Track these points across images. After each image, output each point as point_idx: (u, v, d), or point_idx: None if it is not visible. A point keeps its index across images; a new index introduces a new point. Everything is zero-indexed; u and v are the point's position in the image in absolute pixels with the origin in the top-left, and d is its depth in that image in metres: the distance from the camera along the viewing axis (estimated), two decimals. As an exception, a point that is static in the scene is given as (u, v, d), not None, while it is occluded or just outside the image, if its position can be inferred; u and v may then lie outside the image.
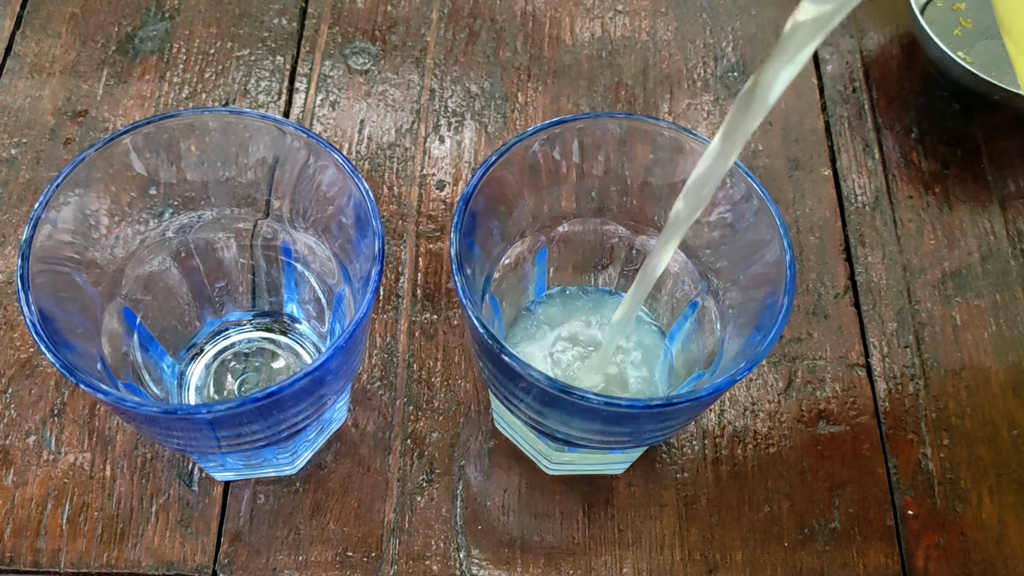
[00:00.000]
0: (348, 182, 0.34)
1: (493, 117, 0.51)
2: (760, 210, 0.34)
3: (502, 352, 0.31)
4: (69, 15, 0.52)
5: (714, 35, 0.54)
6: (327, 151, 0.34)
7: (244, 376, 0.42)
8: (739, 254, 0.36)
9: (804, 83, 0.53)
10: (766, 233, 0.34)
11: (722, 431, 0.43)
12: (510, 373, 0.32)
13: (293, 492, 0.41)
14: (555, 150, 0.36)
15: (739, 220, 0.36)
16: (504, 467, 0.42)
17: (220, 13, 0.53)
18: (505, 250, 0.38)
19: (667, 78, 0.53)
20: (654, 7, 0.55)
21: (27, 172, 0.47)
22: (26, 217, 0.46)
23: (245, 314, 0.43)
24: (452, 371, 0.44)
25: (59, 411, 0.42)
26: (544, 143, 0.36)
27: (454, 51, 0.53)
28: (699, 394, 0.31)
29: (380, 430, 0.42)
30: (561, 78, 0.52)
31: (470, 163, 0.49)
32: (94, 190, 0.35)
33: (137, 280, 0.38)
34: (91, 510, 0.40)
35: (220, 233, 0.40)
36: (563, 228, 0.39)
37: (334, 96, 0.51)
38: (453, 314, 0.45)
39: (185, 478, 0.41)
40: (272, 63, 0.51)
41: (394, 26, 0.53)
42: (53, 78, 0.50)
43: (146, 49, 0.51)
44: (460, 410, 0.43)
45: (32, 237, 0.32)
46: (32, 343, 0.43)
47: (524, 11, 0.54)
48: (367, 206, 0.34)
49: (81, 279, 0.35)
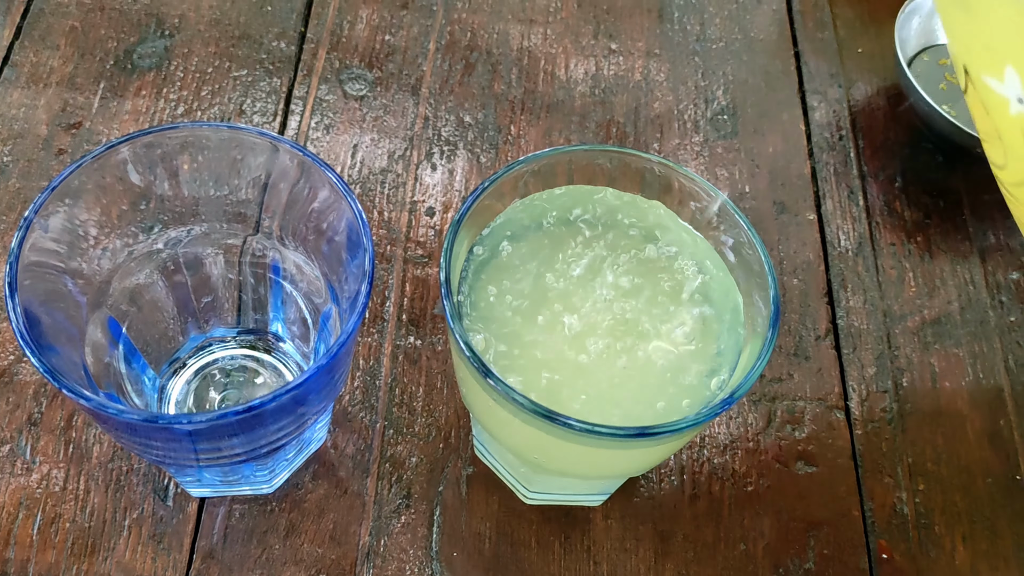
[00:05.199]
0: (341, 202, 0.35)
1: (485, 148, 0.51)
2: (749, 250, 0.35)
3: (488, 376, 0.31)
4: (69, 28, 0.53)
5: (705, 78, 0.55)
6: (322, 170, 0.35)
7: (226, 392, 0.42)
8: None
9: (792, 129, 0.54)
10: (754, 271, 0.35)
11: (700, 467, 0.43)
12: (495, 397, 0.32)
13: (268, 511, 0.41)
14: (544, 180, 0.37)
15: (729, 255, 0.36)
16: (482, 494, 0.42)
17: (219, 33, 0.53)
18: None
19: (658, 118, 0.53)
20: (648, 48, 0.56)
21: (17, 181, 0.47)
22: (14, 225, 0.46)
23: (229, 330, 0.43)
24: (434, 397, 0.44)
25: (36, 421, 0.42)
26: (535, 173, 0.36)
27: (449, 81, 0.53)
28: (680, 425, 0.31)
29: (359, 453, 0.42)
30: (554, 113, 0.53)
31: (460, 192, 0.49)
32: (85, 199, 0.35)
33: (124, 291, 0.38)
34: (63, 521, 0.40)
35: (209, 248, 0.40)
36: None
37: (329, 120, 0.51)
38: (437, 340, 0.45)
39: (160, 493, 0.41)
40: (269, 85, 0.52)
41: (391, 54, 0.54)
42: (49, 89, 0.50)
43: (144, 65, 0.52)
44: (440, 436, 0.43)
45: (22, 241, 0.32)
46: (11, 351, 0.43)
47: (520, 46, 0.55)
48: (359, 226, 0.34)
49: (68, 287, 0.35)
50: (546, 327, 0.35)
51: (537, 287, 0.36)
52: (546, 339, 0.35)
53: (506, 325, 0.35)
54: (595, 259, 0.36)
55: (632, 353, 0.35)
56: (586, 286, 0.36)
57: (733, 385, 0.33)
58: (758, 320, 0.35)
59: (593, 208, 0.37)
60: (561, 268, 0.36)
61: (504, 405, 0.32)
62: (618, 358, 0.35)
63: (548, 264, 0.36)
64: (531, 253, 0.36)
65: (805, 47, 0.57)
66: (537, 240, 0.36)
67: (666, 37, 0.57)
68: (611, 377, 0.35)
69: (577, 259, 0.36)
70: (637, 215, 0.37)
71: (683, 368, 0.35)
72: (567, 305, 0.35)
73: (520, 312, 0.35)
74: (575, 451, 0.33)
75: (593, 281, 0.36)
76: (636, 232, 0.37)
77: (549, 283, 0.36)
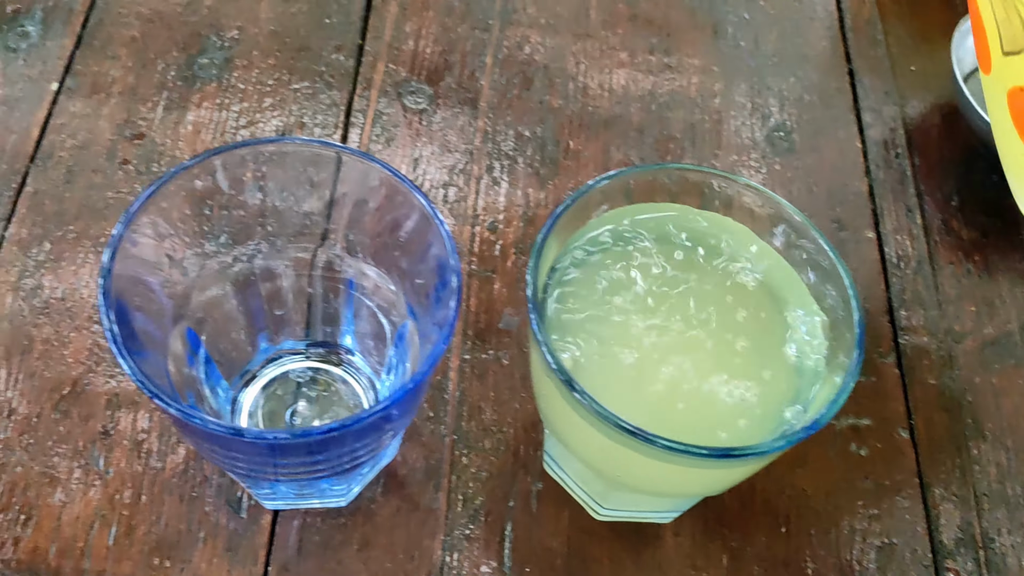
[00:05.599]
0: (430, 223, 0.34)
1: (545, 162, 0.51)
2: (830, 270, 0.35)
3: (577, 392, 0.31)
4: (129, 38, 0.53)
5: (761, 95, 0.56)
6: (411, 191, 0.35)
7: (296, 405, 0.42)
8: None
9: (848, 146, 0.54)
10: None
11: (768, 484, 0.43)
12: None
13: (342, 525, 0.41)
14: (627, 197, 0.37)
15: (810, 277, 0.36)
16: (552, 510, 0.42)
17: (279, 45, 0.53)
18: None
19: (715, 134, 0.54)
20: (703, 64, 0.56)
21: (83, 191, 0.48)
22: (82, 235, 0.46)
23: (299, 343, 0.43)
24: (502, 411, 0.44)
25: (109, 431, 0.42)
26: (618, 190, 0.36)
27: (507, 95, 0.53)
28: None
29: (429, 467, 0.42)
30: (611, 128, 0.53)
31: (522, 207, 0.50)
32: (173, 212, 0.35)
33: (202, 303, 0.38)
34: (138, 533, 0.40)
35: (285, 261, 0.40)
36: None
37: (389, 133, 0.51)
38: (503, 354, 0.45)
39: (234, 505, 0.41)
40: (328, 97, 0.52)
41: (449, 68, 0.54)
42: (112, 99, 0.50)
43: (204, 76, 0.52)
44: (509, 450, 0.43)
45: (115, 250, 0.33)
46: (82, 361, 0.43)
47: (576, 61, 0.55)
48: (447, 249, 0.34)
49: (155, 297, 0.35)
50: (625, 345, 0.35)
51: (617, 305, 0.36)
52: (624, 357, 0.35)
53: (585, 342, 0.35)
54: (676, 279, 0.36)
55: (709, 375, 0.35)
56: (666, 306, 0.36)
57: (818, 409, 0.33)
58: (841, 345, 0.35)
59: (677, 228, 0.37)
60: (641, 287, 0.36)
61: (592, 423, 0.33)
62: (695, 380, 0.35)
63: (628, 283, 0.36)
64: (611, 271, 0.36)
65: (859, 64, 0.57)
66: (618, 258, 0.37)
67: (721, 53, 0.57)
68: (688, 398, 0.35)
69: (658, 279, 0.36)
70: (722, 237, 0.37)
71: (762, 392, 0.35)
72: (647, 324, 0.36)
73: (599, 330, 0.35)
74: (661, 469, 0.34)
75: (674, 300, 0.36)
76: (720, 254, 0.37)
77: (629, 302, 0.36)
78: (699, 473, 0.33)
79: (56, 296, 0.45)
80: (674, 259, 0.36)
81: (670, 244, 0.37)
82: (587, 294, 0.36)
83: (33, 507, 0.40)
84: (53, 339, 0.44)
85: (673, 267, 0.36)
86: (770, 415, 0.34)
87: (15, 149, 0.48)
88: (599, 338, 0.35)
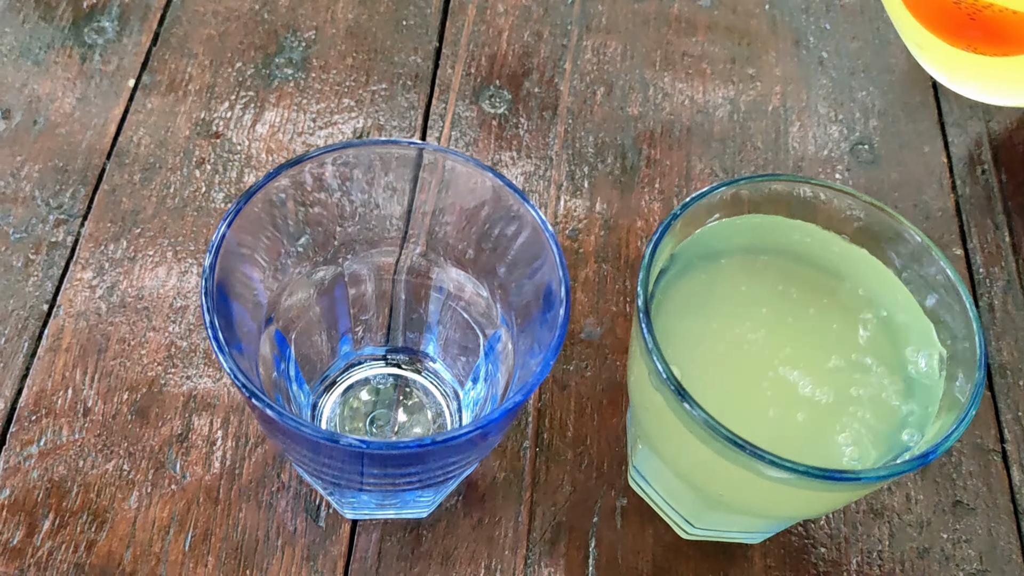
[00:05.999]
0: (542, 244, 0.33)
1: (626, 170, 0.50)
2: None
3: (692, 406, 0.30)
4: (206, 36, 0.52)
5: (844, 107, 0.54)
6: (525, 206, 0.34)
7: (375, 412, 0.41)
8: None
9: (934, 160, 0.53)
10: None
11: (858, 506, 0.42)
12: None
13: (422, 536, 0.40)
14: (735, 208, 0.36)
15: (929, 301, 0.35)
16: (638, 527, 0.41)
17: (356, 46, 0.53)
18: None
19: (797, 146, 0.52)
20: (784, 75, 0.55)
21: (159, 190, 0.47)
22: (160, 233, 0.45)
23: (378, 349, 0.42)
24: (585, 423, 0.43)
25: (185, 434, 0.41)
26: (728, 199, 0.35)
27: (587, 102, 0.52)
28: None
29: (510, 479, 0.41)
30: (692, 137, 0.52)
31: (602, 215, 0.48)
32: (270, 213, 0.34)
33: (291, 305, 0.38)
34: (214, 539, 0.39)
35: (371, 266, 0.39)
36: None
37: (468, 137, 0.50)
38: (586, 365, 0.44)
39: (312, 513, 0.40)
40: (406, 100, 0.51)
41: (528, 73, 0.53)
42: (189, 97, 0.50)
43: (281, 76, 0.51)
44: (592, 464, 0.42)
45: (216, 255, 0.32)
46: (158, 361, 0.42)
47: (656, 69, 0.54)
48: (559, 274, 0.32)
49: (254, 298, 0.34)
50: (735, 360, 0.34)
51: (723, 320, 0.35)
52: (734, 372, 0.34)
53: (692, 354, 0.34)
54: (789, 294, 0.35)
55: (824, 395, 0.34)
56: (778, 320, 0.35)
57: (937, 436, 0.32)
58: (960, 371, 0.33)
59: (790, 241, 0.36)
60: (752, 300, 0.35)
61: (704, 439, 0.31)
62: (809, 399, 0.34)
63: (735, 297, 0.35)
64: (718, 284, 0.35)
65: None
66: (728, 269, 0.35)
67: (803, 65, 0.56)
68: (801, 418, 0.34)
69: (770, 292, 0.35)
70: (837, 253, 0.36)
71: (873, 417, 0.34)
72: (757, 339, 0.34)
73: (708, 342, 0.34)
74: (773, 491, 0.32)
75: (786, 315, 0.35)
76: (833, 271, 0.36)
77: (736, 316, 0.35)
78: (812, 495, 0.32)
79: (132, 295, 0.44)
80: (786, 273, 0.35)
81: (782, 257, 0.36)
82: (695, 305, 0.34)
83: (107, 510, 0.39)
84: (129, 338, 0.43)
85: (785, 281, 0.35)
86: (884, 439, 0.33)
87: (91, 146, 0.48)
88: (708, 351, 0.34)
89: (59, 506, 0.39)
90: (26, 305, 0.43)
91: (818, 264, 0.36)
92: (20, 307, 0.43)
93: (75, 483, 0.39)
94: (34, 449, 0.40)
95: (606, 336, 0.45)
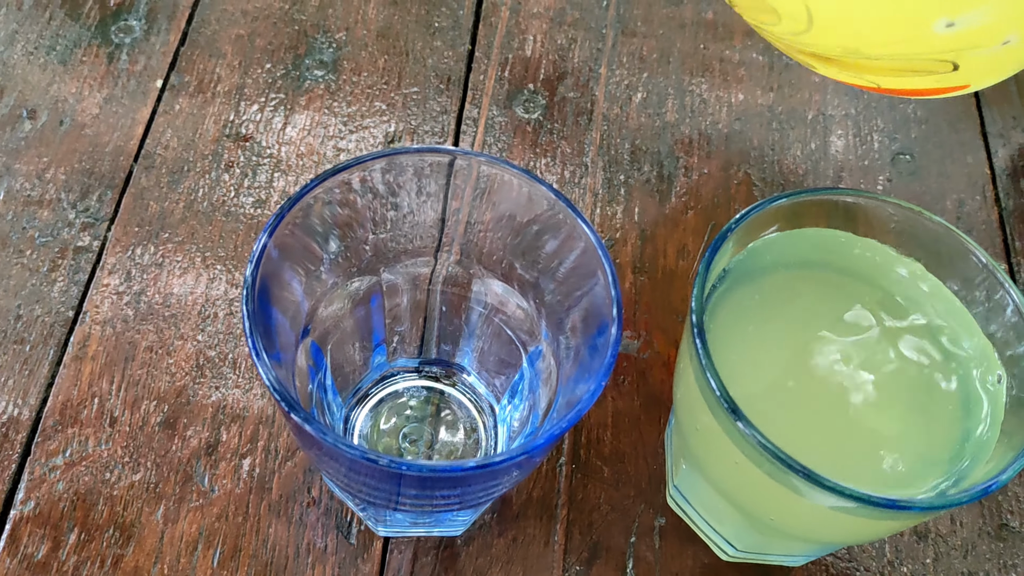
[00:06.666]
0: (596, 265, 0.32)
1: (664, 176, 0.49)
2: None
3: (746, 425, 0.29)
4: (235, 36, 0.51)
5: (884, 117, 0.53)
6: (581, 225, 0.32)
7: (409, 427, 0.40)
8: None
9: (977, 171, 0.52)
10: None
11: (903, 532, 0.41)
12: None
13: (456, 555, 0.39)
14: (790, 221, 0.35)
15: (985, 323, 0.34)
16: (676, 548, 0.40)
17: (387, 48, 0.52)
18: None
19: (838, 154, 0.51)
20: (823, 82, 0.54)
21: (187, 193, 0.46)
22: (187, 239, 0.44)
23: (411, 360, 0.41)
24: (622, 439, 0.42)
25: (214, 446, 0.40)
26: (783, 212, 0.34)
27: (623, 107, 0.51)
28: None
29: (545, 497, 0.40)
30: (730, 145, 0.51)
31: (639, 223, 0.47)
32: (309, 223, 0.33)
33: (327, 317, 0.37)
34: (244, 556, 0.38)
35: (410, 276, 0.38)
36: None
37: (502, 143, 0.49)
38: (623, 379, 0.43)
39: (344, 530, 0.39)
40: (438, 104, 0.50)
41: (563, 77, 0.52)
42: (217, 99, 0.49)
43: (311, 77, 0.50)
44: (630, 482, 0.41)
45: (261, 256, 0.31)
46: (186, 371, 0.41)
47: (694, 75, 0.53)
48: (612, 296, 0.31)
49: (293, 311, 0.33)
50: (786, 379, 0.33)
51: (777, 337, 0.34)
52: (785, 392, 0.33)
53: (741, 373, 0.33)
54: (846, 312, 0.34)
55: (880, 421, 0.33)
56: (836, 341, 0.33)
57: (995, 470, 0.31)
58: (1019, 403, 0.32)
59: (849, 258, 0.34)
60: (804, 318, 0.34)
61: (756, 460, 0.30)
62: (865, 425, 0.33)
63: (789, 313, 0.34)
64: (771, 299, 0.34)
65: (985, 89, 0.55)
66: (779, 286, 0.34)
67: (842, 70, 0.54)
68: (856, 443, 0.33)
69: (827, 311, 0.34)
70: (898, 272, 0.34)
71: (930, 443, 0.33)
72: (807, 358, 0.33)
73: (758, 361, 0.33)
74: (823, 516, 0.31)
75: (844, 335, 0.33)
76: (896, 291, 0.34)
77: (791, 333, 0.34)
78: (865, 523, 0.31)
79: (159, 302, 0.43)
80: (842, 290, 0.34)
81: (837, 274, 0.34)
82: (749, 320, 0.33)
83: (134, 524, 0.38)
84: (157, 347, 0.42)
85: (840, 299, 0.34)
86: (940, 465, 0.32)
87: (118, 147, 0.47)
88: (761, 369, 0.32)
89: (85, 519, 0.38)
90: (52, 311, 0.42)
91: (874, 280, 0.35)
92: (46, 313, 0.42)
93: (101, 496, 0.39)
94: (59, 460, 0.39)
95: (643, 349, 0.44)
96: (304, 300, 0.35)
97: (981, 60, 0.33)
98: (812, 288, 0.34)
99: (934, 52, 0.33)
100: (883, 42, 0.34)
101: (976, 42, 0.30)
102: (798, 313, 0.34)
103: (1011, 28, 0.30)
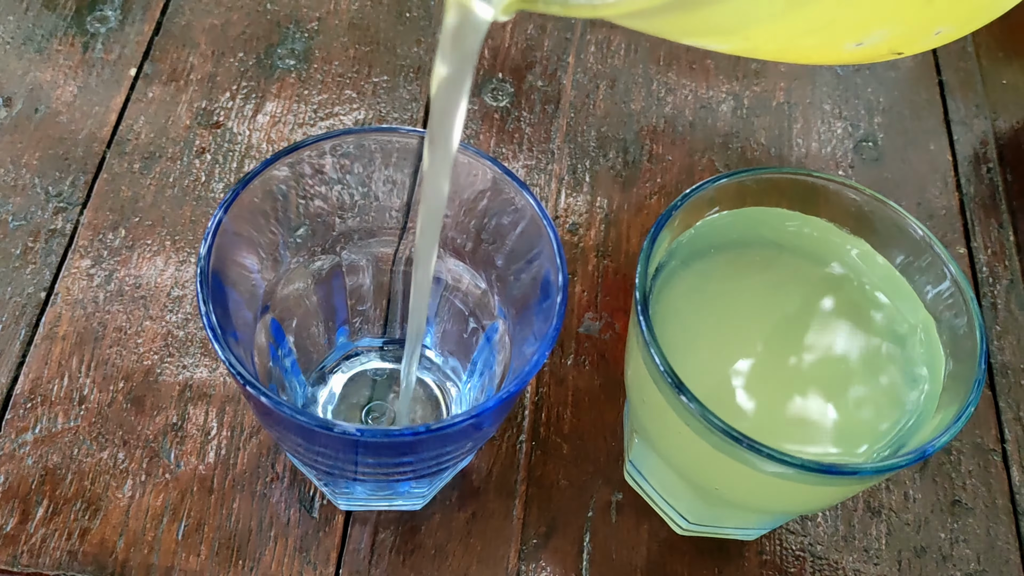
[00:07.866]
0: (541, 233, 0.33)
1: (628, 164, 0.50)
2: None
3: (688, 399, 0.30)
4: (209, 26, 0.52)
5: (849, 104, 0.54)
6: (527, 198, 0.33)
7: (372, 404, 0.41)
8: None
9: (939, 159, 0.52)
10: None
11: (856, 504, 0.42)
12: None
13: (416, 529, 0.40)
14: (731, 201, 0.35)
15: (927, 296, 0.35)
16: (633, 522, 0.40)
17: (359, 38, 0.53)
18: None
19: (801, 142, 0.52)
20: (789, 70, 0.55)
21: (159, 179, 0.47)
22: (158, 223, 0.45)
23: (375, 340, 0.42)
24: (582, 418, 0.42)
25: (179, 424, 0.41)
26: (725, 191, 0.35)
27: (590, 96, 0.52)
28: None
29: (505, 473, 0.41)
30: (695, 133, 0.52)
31: (603, 209, 0.48)
32: (266, 201, 0.34)
33: (287, 296, 0.37)
34: (208, 528, 0.39)
35: (368, 256, 0.39)
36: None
37: (470, 129, 0.50)
38: (583, 359, 0.44)
39: (306, 504, 0.40)
40: (408, 92, 0.51)
41: (531, 66, 0.53)
42: (190, 87, 0.50)
43: (283, 66, 0.51)
44: (588, 459, 0.42)
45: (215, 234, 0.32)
46: (154, 351, 0.42)
47: (661, 64, 0.54)
48: (557, 264, 0.32)
49: (249, 287, 0.34)
50: (732, 353, 0.34)
51: (723, 313, 0.34)
52: (731, 365, 0.34)
53: (690, 348, 0.34)
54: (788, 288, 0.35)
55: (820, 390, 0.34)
56: (777, 315, 0.34)
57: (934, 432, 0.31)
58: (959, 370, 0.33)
59: (790, 235, 0.35)
60: (748, 294, 0.35)
61: (700, 432, 0.31)
62: (805, 394, 0.33)
63: (734, 290, 0.35)
64: (717, 277, 0.35)
65: (948, 76, 0.56)
66: (728, 263, 0.35)
67: (807, 60, 0.55)
68: (797, 412, 0.33)
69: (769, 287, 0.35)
70: (839, 247, 0.35)
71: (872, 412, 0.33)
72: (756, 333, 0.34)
73: (706, 336, 0.34)
74: (768, 485, 0.32)
75: (784, 310, 0.34)
76: (835, 265, 0.35)
77: (735, 309, 0.34)
78: (808, 490, 0.32)
79: (129, 284, 0.44)
80: (786, 266, 0.35)
81: (782, 250, 0.35)
82: (694, 298, 0.34)
83: (101, 498, 0.39)
84: (126, 327, 0.43)
85: (785, 274, 0.35)
86: (882, 434, 0.33)
87: (91, 134, 0.48)
88: (706, 344, 0.33)
89: (53, 493, 0.39)
90: (24, 292, 0.43)
91: (818, 257, 0.36)
92: (18, 294, 0.43)
93: (69, 471, 0.39)
94: (29, 436, 0.40)
95: (605, 330, 0.45)
96: (263, 279, 0.36)
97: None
98: (757, 265, 0.35)
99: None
100: (801, 57, 0.34)
101: (875, 56, 0.31)
102: (743, 290, 0.35)
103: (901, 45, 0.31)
